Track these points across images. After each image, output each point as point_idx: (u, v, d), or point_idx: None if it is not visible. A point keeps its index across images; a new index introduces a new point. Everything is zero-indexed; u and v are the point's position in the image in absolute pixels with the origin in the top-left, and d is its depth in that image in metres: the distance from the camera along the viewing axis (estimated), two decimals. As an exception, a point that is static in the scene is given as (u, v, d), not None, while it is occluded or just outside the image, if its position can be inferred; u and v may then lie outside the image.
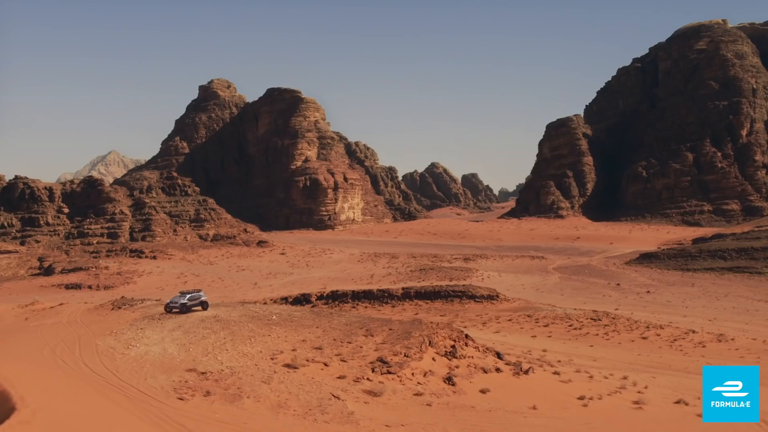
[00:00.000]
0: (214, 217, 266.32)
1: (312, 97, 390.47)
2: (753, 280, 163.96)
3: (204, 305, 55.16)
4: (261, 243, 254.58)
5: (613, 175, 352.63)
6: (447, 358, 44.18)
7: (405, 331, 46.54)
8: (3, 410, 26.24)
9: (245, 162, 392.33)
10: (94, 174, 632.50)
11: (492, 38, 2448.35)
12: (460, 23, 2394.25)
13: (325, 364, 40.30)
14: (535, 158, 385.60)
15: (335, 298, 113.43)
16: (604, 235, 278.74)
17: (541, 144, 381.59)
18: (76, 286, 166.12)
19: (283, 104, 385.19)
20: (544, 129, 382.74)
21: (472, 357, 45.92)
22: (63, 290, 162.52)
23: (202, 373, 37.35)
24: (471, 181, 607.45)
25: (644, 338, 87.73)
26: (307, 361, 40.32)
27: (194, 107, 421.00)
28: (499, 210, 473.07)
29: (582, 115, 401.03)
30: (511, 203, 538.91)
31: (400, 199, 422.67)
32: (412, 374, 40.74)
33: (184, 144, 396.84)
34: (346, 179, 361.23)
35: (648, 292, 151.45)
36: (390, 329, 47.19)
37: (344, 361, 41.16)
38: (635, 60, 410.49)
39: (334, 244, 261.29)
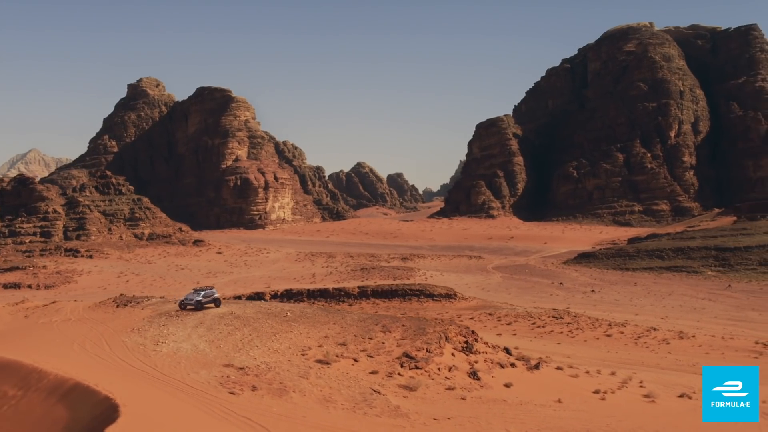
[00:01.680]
0: (150, 216, 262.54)
1: (242, 96, 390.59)
2: (692, 279, 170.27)
3: (217, 302, 55.20)
4: (197, 242, 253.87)
5: (543, 176, 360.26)
6: (464, 353, 45.28)
7: (419, 327, 47.48)
8: (99, 412, 26.25)
9: (175, 161, 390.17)
10: (14, 173, 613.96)
11: (418, 37, 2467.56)
12: (387, 21, 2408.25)
13: (355, 360, 40.97)
14: (458, 158, 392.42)
15: (290, 296, 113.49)
16: (538, 235, 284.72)
17: (470, 144, 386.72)
18: (15, 286, 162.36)
19: (214, 103, 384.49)
20: (472, 128, 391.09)
21: (486, 352, 47.18)
22: (1, 290, 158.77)
23: (240, 368, 37.60)
24: (397, 181, 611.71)
25: (608, 336, 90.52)
26: (337, 356, 40.91)
27: (123, 106, 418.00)
28: (426, 210, 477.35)
29: (511, 114, 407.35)
30: (437, 203, 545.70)
31: (328, 198, 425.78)
32: (438, 369, 41.69)
33: (113, 143, 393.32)
34: (276, 179, 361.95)
35: (593, 291, 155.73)
36: (403, 325, 48.05)
37: (371, 356, 41.87)
38: (564, 61, 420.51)
39: (268, 244, 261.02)
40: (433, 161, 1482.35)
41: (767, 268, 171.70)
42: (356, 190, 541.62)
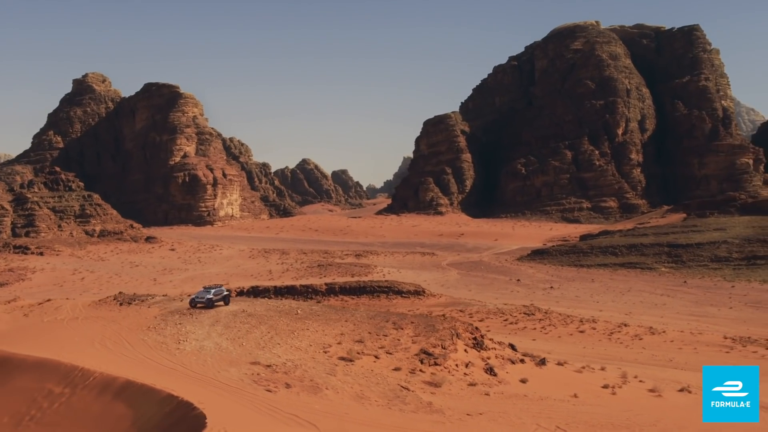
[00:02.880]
0: (100, 213, 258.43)
1: (190, 93, 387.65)
2: (647, 275, 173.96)
3: (226, 300, 54.90)
4: (149, 239, 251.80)
5: (491, 173, 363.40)
6: (476, 350, 45.96)
7: (428, 324, 48.01)
8: (169, 410, 26.15)
9: (122, 157, 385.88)
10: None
11: (363, 31, 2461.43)
12: (331, 15, 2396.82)
13: (376, 357, 41.34)
14: (401, 154, 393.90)
15: (257, 293, 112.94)
16: (487, 232, 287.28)
17: (418, 140, 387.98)
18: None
19: (161, 99, 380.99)
20: (415, 124, 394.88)
21: (495, 348, 47.94)
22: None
23: (267, 366, 37.68)
24: (341, 178, 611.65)
25: (581, 332, 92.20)
26: (358, 354, 41.19)
27: (68, 101, 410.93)
28: (371, 206, 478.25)
29: (458, 111, 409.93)
30: (381, 199, 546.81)
31: (275, 195, 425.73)
32: (456, 365, 42.31)
33: (59, 138, 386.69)
34: (225, 175, 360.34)
35: (551, 287, 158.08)
36: (411, 322, 48.55)
37: (390, 353, 42.27)
38: (511, 58, 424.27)
39: (219, 240, 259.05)
40: (376, 157, 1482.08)
41: (718, 264, 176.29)
42: (301, 186, 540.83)
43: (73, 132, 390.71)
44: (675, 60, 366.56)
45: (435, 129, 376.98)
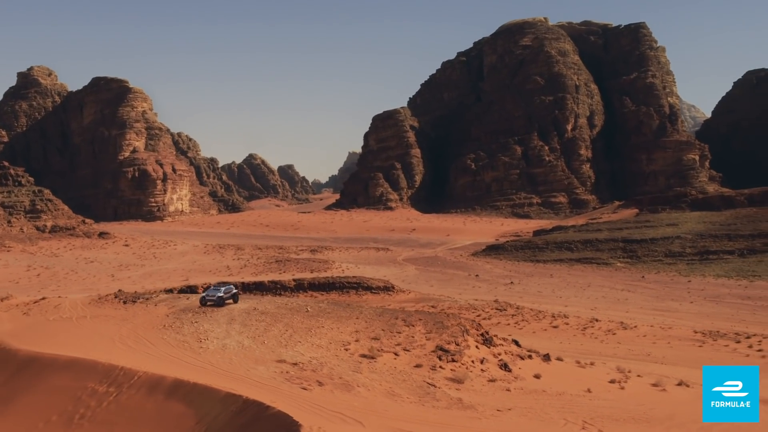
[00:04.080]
0: (51, 209, 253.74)
1: (139, 87, 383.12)
2: (603, 271, 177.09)
3: (235, 298, 54.42)
4: (102, 234, 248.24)
5: (440, 168, 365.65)
6: (486, 346, 46.45)
7: (436, 321, 48.39)
8: (235, 409, 25.98)
9: (69, 152, 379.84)
10: None
11: (310, 25, 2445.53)
12: (279, 11, 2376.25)
13: (395, 354, 41.55)
14: (347, 149, 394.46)
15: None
16: (439, 227, 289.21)
17: (367, 136, 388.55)
18: None
19: (110, 94, 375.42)
20: (360, 119, 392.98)
21: (502, 344, 48.50)
22: None
23: (294, 364, 37.61)
24: (287, 173, 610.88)
25: (555, 327, 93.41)
26: (379, 351, 41.35)
27: (13, 95, 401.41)
28: (318, 202, 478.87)
29: (407, 106, 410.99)
30: (327, 194, 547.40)
31: (223, 190, 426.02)
32: (472, 362, 42.75)
33: (3, 132, 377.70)
34: (174, 170, 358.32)
35: (512, 283, 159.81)
36: (420, 319, 48.88)
37: (407, 350, 42.53)
38: (460, 54, 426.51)
39: (172, 236, 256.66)
40: (320, 153, 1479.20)
41: (673, 259, 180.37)
42: (248, 181, 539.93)
43: (18, 126, 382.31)
44: (622, 57, 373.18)
45: (384, 124, 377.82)
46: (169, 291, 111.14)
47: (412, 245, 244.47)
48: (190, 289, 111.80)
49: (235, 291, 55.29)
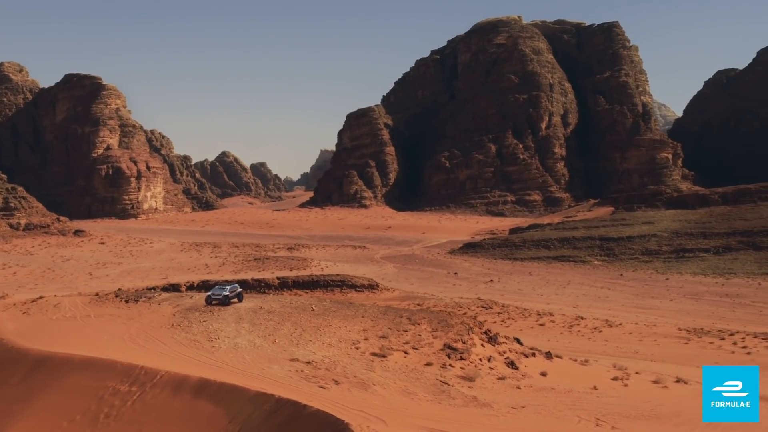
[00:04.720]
0: (25, 206, 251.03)
1: (113, 84, 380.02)
2: (581, 268, 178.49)
3: (240, 297, 54.44)
4: (78, 232, 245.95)
5: (414, 166, 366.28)
6: (491, 344, 46.75)
7: (441, 320, 48.65)
8: (269, 408, 25.98)
9: (42, 149, 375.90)
10: None
11: (282, 23, 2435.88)
12: (253, 8, 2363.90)
13: (405, 353, 41.74)
14: (318, 147, 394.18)
15: (208, 288, 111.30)
16: (414, 225, 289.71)
17: (341, 133, 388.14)
18: None
19: (83, 91, 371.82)
20: (333, 117, 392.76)
21: (506, 342, 48.79)
22: None
23: (307, 362, 37.68)
24: (260, 170, 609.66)
25: (541, 325, 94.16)
26: (389, 349, 41.47)
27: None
28: (291, 199, 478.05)
29: (380, 104, 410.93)
30: (299, 192, 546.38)
31: (196, 188, 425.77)
32: (480, 360, 43.03)
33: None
34: (148, 168, 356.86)
35: (491, 280, 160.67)
36: (425, 317, 49.11)
37: (416, 348, 42.72)
38: (434, 52, 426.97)
39: (147, 234, 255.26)
40: (292, 150, 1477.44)
41: (650, 257, 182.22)
42: (221, 179, 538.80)
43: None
44: (595, 56, 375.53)
45: (358, 122, 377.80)
46: (152, 289, 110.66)
47: (388, 243, 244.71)
48: (173, 287, 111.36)
49: (240, 290, 55.48)
